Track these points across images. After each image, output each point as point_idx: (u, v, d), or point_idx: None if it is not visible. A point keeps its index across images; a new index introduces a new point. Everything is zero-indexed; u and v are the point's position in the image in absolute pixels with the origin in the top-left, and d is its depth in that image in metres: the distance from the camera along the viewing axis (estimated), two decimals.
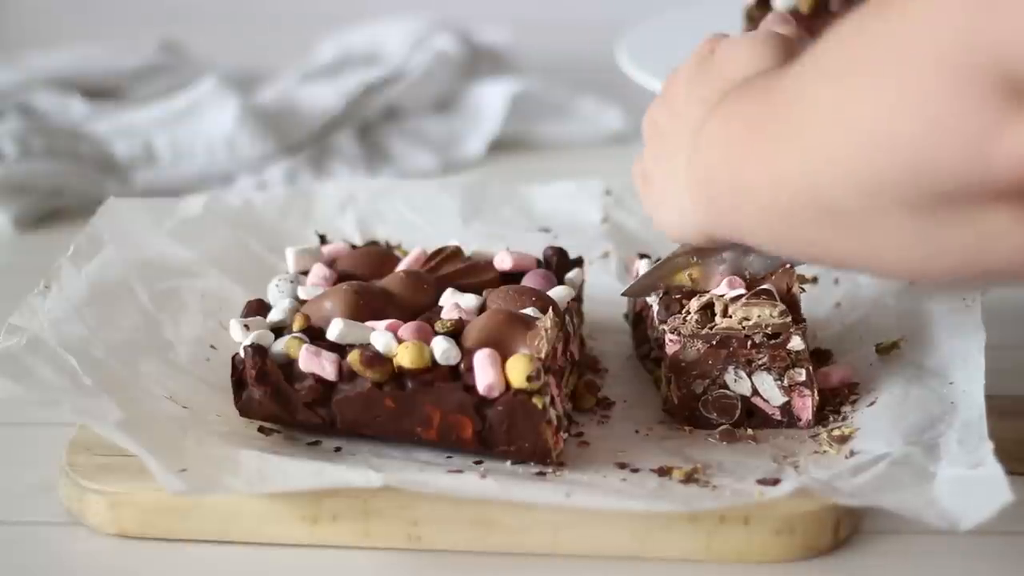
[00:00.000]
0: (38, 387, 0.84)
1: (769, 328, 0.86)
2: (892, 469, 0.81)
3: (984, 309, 0.92)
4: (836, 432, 0.86)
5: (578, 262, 0.95)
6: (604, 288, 1.02)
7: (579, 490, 0.81)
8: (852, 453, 0.84)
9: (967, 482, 0.79)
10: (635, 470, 0.84)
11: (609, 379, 0.95)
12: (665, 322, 0.88)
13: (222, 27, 1.67)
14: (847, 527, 0.83)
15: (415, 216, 1.08)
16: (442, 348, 0.84)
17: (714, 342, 0.87)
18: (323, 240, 1.00)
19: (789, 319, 0.87)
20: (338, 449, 0.86)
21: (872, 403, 0.88)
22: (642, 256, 0.96)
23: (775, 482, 0.82)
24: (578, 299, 0.94)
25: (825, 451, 0.85)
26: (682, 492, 0.81)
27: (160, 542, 0.84)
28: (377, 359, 0.84)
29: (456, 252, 0.95)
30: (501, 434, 0.83)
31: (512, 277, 0.94)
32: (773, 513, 0.81)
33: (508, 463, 0.84)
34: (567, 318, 0.90)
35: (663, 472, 0.83)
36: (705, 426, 0.88)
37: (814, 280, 1.01)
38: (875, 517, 0.84)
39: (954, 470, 0.80)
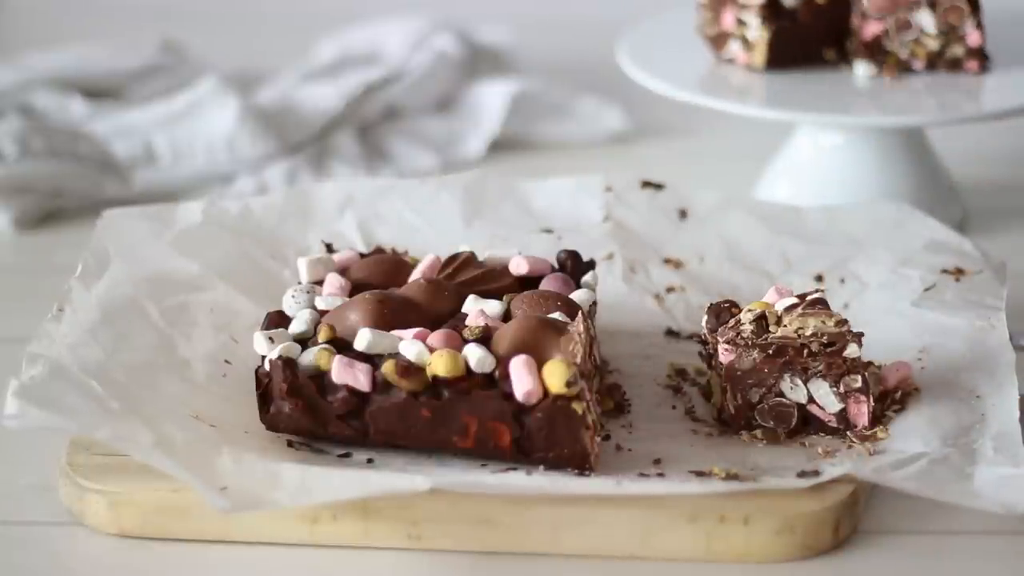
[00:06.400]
0: (68, 415, 0.83)
1: (825, 337, 0.87)
2: (932, 466, 0.82)
3: None
4: (867, 433, 0.87)
5: (591, 264, 0.95)
6: (609, 291, 1.02)
7: (627, 483, 0.81)
8: (881, 451, 0.85)
9: (1010, 479, 0.81)
10: (673, 473, 0.84)
11: (621, 380, 0.95)
12: (716, 331, 0.89)
13: (222, 27, 1.66)
14: (847, 527, 0.83)
15: (416, 217, 1.08)
16: (476, 356, 0.83)
17: (770, 351, 0.87)
18: (330, 249, 1.00)
19: (846, 328, 0.87)
20: (370, 461, 0.86)
21: (900, 409, 0.89)
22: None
23: (816, 474, 0.83)
24: (595, 301, 0.94)
25: (858, 451, 0.86)
26: (726, 484, 0.82)
27: (160, 542, 0.84)
28: (412, 369, 0.83)
29: (471, 258, 0.95)
30: (540, 440, 0.83)
31: (528, 281, 0.94)
32: (773, 513, 0.81)
33: (541, 468, 0.84)
34: (591, 321, 0.90)
35: (702, 475, 0.83)
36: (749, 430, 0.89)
37: (819, 279, 1.02)
38: (875, 517, 0.84)
39: (993, 470, 0.82)
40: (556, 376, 0.82)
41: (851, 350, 0.87)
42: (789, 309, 0.88)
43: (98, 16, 1.70)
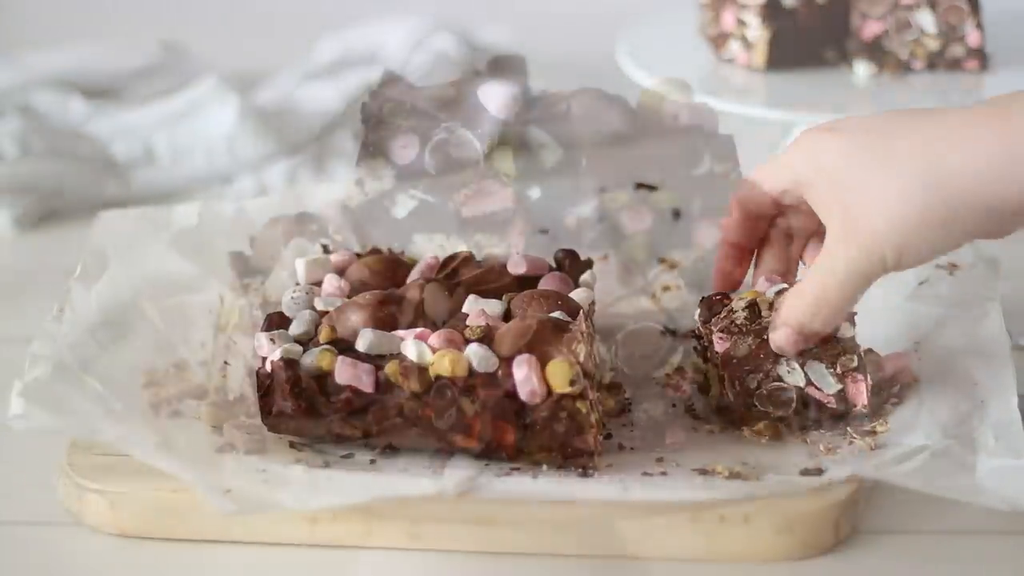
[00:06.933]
0: (73, 417, 0.83)
1: None
2: (934, 460, 0.83)
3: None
4: (868, 427, 0.87)
5: (589, 263, 0.95)
6: (606, 290, 1.02)
7: (632, 484, 0.81)
8: (882, 446, 0.85)
9: (1012, 471, 0.81)
10: (676, 471, 0.84)
11: (620, 380, 0.94)
12: (709, 323, 0.89)
13: (222, 27, 1.66)
14: (847, 526, 0.83)
15: (412, 217, 1.08)
16: (479, 355, 0.84)
17: (765, 336, 0.87)
18: (326, 250, 0.99)
19: None
20: (373, 461, 0.86)
21: (898, 402, 0.89)
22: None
23: (819, 472, 0.83)
24: (593, 300, 0.94)
25: (859, 446, 0.86)
26: (730, 485, 0.82)
27: (160, 542, 0.84)
28: (415, 369, 0.84)
29: (469, 257, 0.95)
30: (543, 439, 0.83)
31: (527, 281, 0.94)
32: (773, 513, 0.81)
33: (544, 468, 0.84)
34: (590, 320, 0.90)
35: (704, 472, 0.84)
36: (750, 421, 0.89)
37: None
38: (875, 517, 0.84)
39: (995, 461, 0.82)
40: (559, 375, 0.82)
41: (845, 330, 0.87)
42: (779, 293, 0.88)
43: (98, 16, 1.70)
